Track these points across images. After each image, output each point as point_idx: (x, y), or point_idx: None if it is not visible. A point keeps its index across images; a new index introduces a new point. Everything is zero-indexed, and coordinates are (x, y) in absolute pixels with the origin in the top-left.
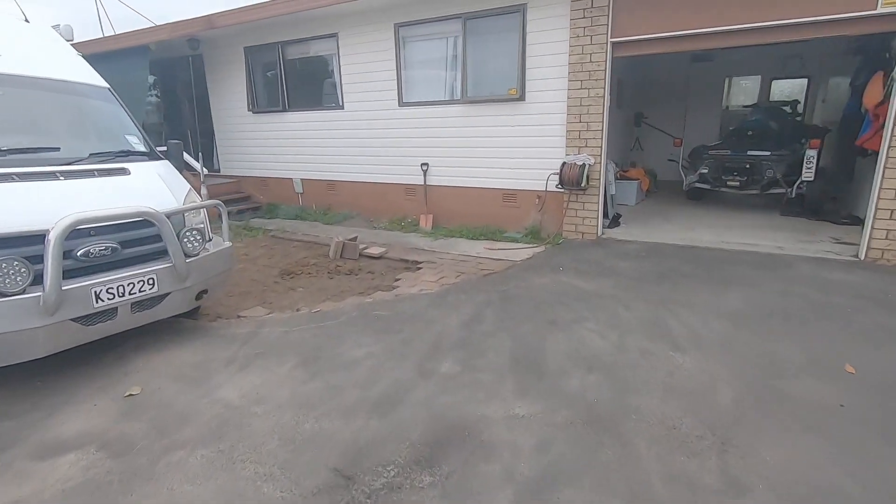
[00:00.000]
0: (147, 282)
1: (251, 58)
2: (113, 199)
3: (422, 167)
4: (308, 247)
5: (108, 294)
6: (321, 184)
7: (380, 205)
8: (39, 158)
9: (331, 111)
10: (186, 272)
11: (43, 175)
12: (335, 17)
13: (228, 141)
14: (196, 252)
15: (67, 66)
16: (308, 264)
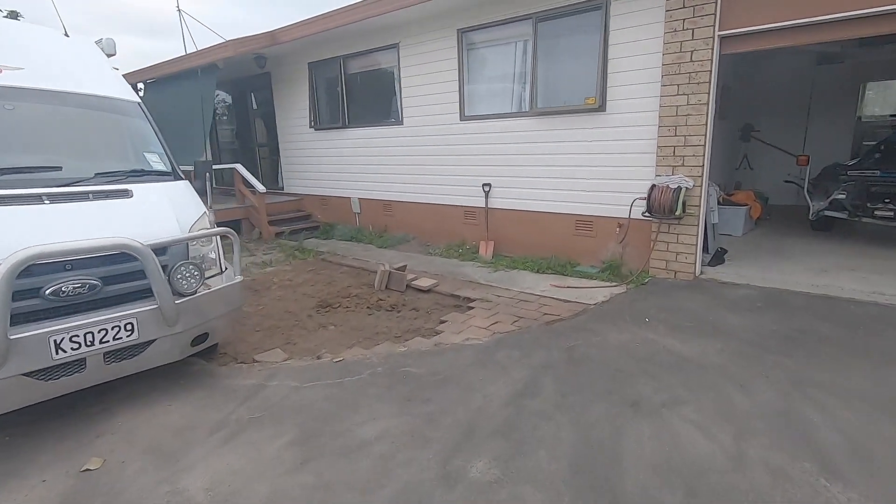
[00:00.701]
0: (124, 327)
1: (315, 73)
2: (102, 226)
3: (483, 188)
4: (355, 273)
5: (73, 343)
6: (378, 204)
7: (437, 228)
8: (37, 179)
9: (390, 127)
10: (176, 315)
11: (25, 198)
12: (396, 25)
13: (292, 158)
14: (191, 290)
15: (95, 80)
16: (349, 295)
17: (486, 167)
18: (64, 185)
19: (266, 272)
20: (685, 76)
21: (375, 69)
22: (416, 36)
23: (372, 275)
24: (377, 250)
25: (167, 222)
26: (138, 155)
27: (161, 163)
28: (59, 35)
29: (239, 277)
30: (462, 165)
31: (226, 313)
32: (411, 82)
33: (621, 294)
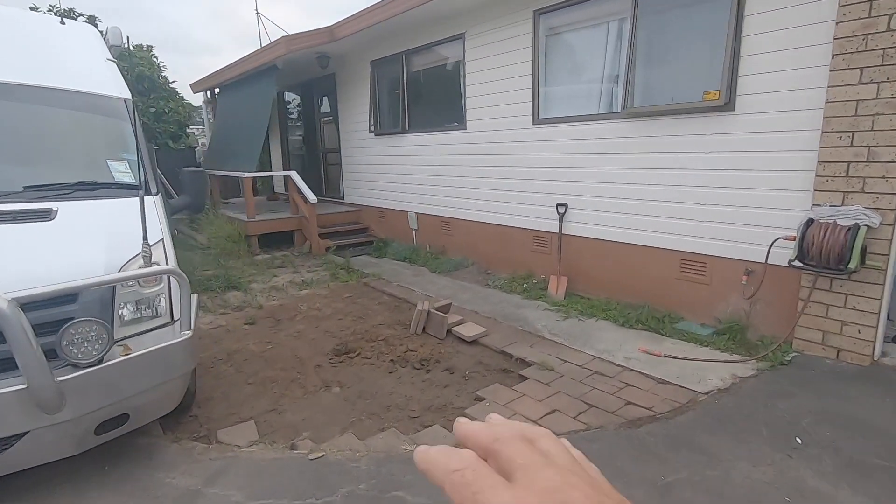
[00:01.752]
0: None
1: (376, 73)
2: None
3: (557, 209)
4: (394, 306)
5: None
6: (436, 221)
7: (500, 254)
8: None
9: (451, 132)
10: (58, 397)
11: None
12: (462, 11)
13: (351, 166)
14: (89, 359)
15: (73, 74)
16: (377, 338)
17: (561, 183)
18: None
19: (300, 295)
20: (876, 55)
21: (438, 65)
22: (485, 22)
23: (412, 309)
24: (430, 275)
25: (85, 257)
26: (99, 162)
27: (128, 172)
28: (50, 23)
29: (187, 333)
30: (532, 180)
31: (159, 384)
32: (477, 79)
33: (750, 378)
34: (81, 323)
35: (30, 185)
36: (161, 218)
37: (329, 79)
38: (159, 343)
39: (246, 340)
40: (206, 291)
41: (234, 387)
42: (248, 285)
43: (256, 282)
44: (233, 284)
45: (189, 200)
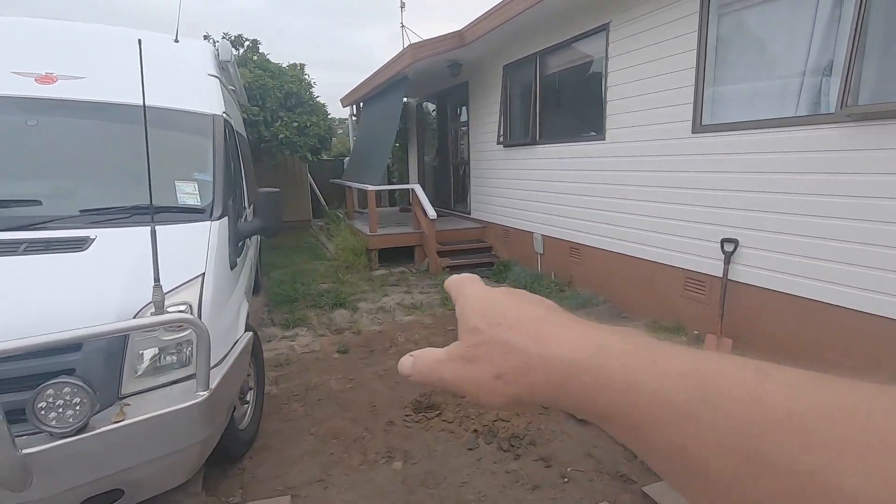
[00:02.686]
0: None
1: (508, 78)
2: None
3: (723, 246)
4: None
5: None
6: (564, 246)
7: (639, 294)
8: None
9: (587, 143)
10: (22, 473)
11: None
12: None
13: (479, 179)
14: (65, 428)
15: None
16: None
17: (730, 211)
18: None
19: (402, 322)
20: None
21: (576, 65)
22: (636, 6)
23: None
24: None
25: (97, 299)
26: (167, 184)
27: (195, 194)
28: (162, 41)
29: (201, 394)
30: (688, 205)
31: (162, 457)
32: (621, 78)
33: None
34: (56, 384)
35: (86, 209)
36: (211, 248)
37: (462, 87)
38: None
39: (330, 373)
40: (315, 308)
41: (296, 436)
42: (357, 304)
43: (366, 300)
44: (342, 302)
45: (261, 224)
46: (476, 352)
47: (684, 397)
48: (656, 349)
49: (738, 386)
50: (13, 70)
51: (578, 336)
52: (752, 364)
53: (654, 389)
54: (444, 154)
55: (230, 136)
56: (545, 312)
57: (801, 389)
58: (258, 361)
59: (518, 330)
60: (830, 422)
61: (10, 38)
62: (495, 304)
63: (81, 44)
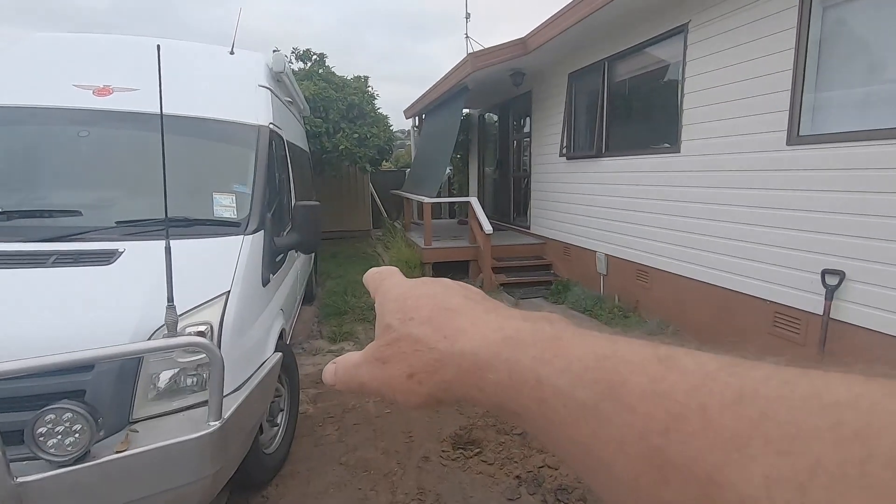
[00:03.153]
0: None
1: (574, 86)
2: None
3: (824, 279)
4: None
5: None
6: (630, 267)
7: (716, 327)
8: (37, 227)
9: (659, 156)
10: (13, 500)
11: None
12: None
13: (540, 193)
14: (62, 458)
15: (211, 101)
16: (511, 430)
17: (835, 237)
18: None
19: None
20: None
21: (648, 71)
22: (720, 4)
23: None
24: None
25: (115, 316)
26: (205, 196)
27: (232, 207)
28: (216, 53)
29: (213, 424)
30: (780, 228)
31: (166, 491)
32: (700, 84)
33: None
34: (57, 409)
35: (122, 221)
36: (241, 265)
37: (525, 97)
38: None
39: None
40: (363, 322)
41: (324, 464)
42: None
43: None
44: None
45: (299, 239)
46: (388, 351)
47: (587, 393)
48: (564, 339)
49: (641, 377)
50: (74, 83)
51: (490, 328)
52: (660, 351)
53: (558, 385)
54: (505, 166)
55: (278, 147)
56: (461, 303)
57: (708, 377)
58: (292, 381)
59: (429, 325)
60: (732, 414)
61: (76, 53)
62: (409, 298)
63: (139, 57)
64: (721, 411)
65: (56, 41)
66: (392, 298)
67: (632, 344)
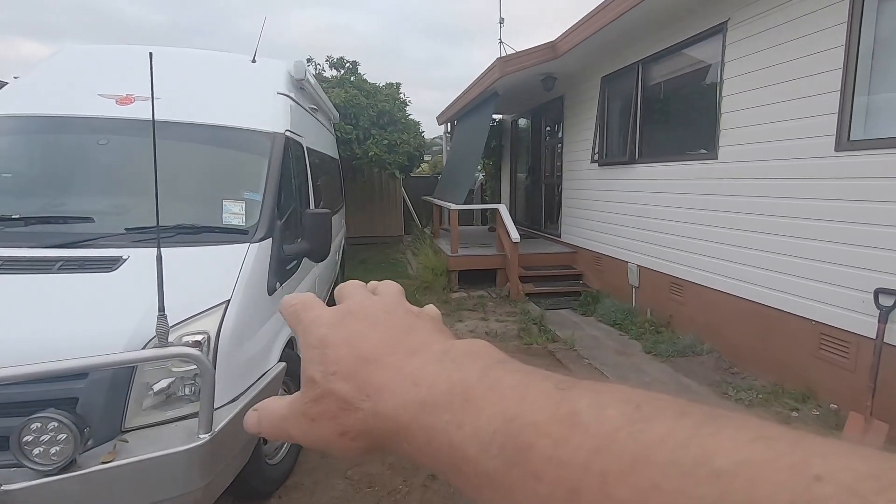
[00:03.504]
0: None
1: (607, 90)
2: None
3: (877, 299)
4: None
5: None
6: (663, 280)
7: (755, 346)
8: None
9: (694, 163)
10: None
11: None
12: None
13: (571, 200)
14: (47, 465)
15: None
16: None
17: (892, 254)
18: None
19: None
20: None
21: (683, 73)
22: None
23: None
24: (640, 356)
25: (112, 323)
26: (216, 203)
27: (241, 215)
28: (238, 62)
29: (203, 437)
30: (827, 241)
31: (155, 503)
32: (739, 86)
33: None
34: (43, 418)
35: (131, 227)
36: (244, 273)
37: (557, 102)
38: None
39: None
40: None
41: (329, 477)
42: None
43: None
44: None
45: (308, 247)
46: (315, 408)
47: (496, 462)
48: (475, 398)
49: (545, 441)
50: (100, 93)
51: (408, 385)
52: (564, 406)
53: (468, 452)
54: (537, 173)
55: (295, 154)
56: (380, 348)
57: (608, 438)
58: None
59: (352, 381)
60: (627, 485)
61: (104, 64)
62: (329, 345)
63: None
64: (618, 480)
65: (87, 53)
66: (313, 344)
67: (537, 396)
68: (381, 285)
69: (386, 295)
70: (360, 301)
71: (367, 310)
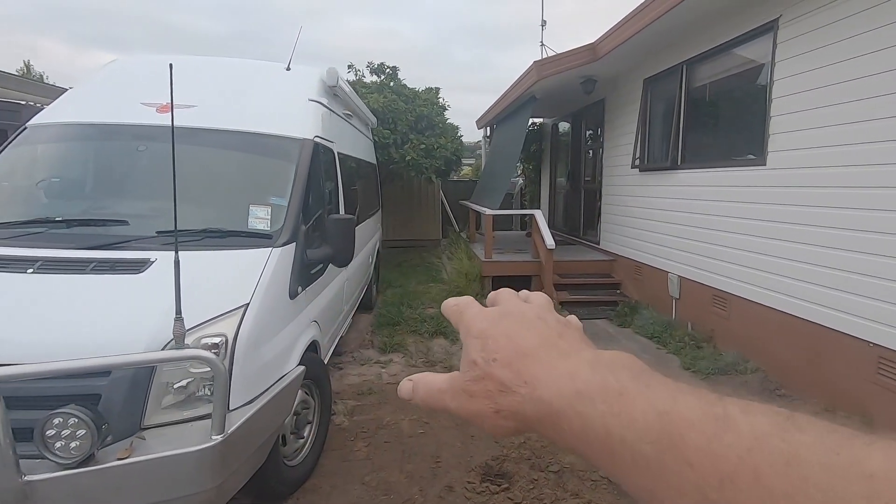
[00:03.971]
0: None
1: (649, 92)
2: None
3: None
4: None
5: None
6: (706, 292)
7: (806, 368)
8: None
9: (741, 169)
10: (20, 497)
11: (12, 262)
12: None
13: (611, 206)
14: (67, 460)
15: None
16: (547, 467)
17: None
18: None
19: None
20: None
21: (730, 75)
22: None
23: None
24: (678, 373)
25: (133, 325)
26: (242, 208)
27: (266, 220)
28: (271, 70)
29: (216, 438)
30: (888, 257)
31: (167, 501)
32: (791, 87)
33: None
34: (63, 414)
35: (161, 231)
36: (265, 277)
37: (598, 106)
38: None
39: (406, 412)
40: (415, 334)
41: (347, 482)
42: (458, 335)
43: None
44: (443, 330)
45: (331, 252)
46: (475, 387)
47: (650, 447)
48: (628, 394)
49: (698, 435)
50: (142, 101)
51: (563, 379)
52: (717, 409)
53: (625, 438)
54: (576, 178)
55: (325, 159)
56: (537, 346)
57: (760, 440)
58: (323, 394)
59: (510, 368)
60: (780, 476)
61: (150, 73)
62: (489, 337)
63: (203, 75)
64: (771, 473)
65: (136, 63)
66: (475, 334)
67: (689, 398)
68: (532, 295)
69: (537, 303)
70: (515, 305)
71: (522, 313)
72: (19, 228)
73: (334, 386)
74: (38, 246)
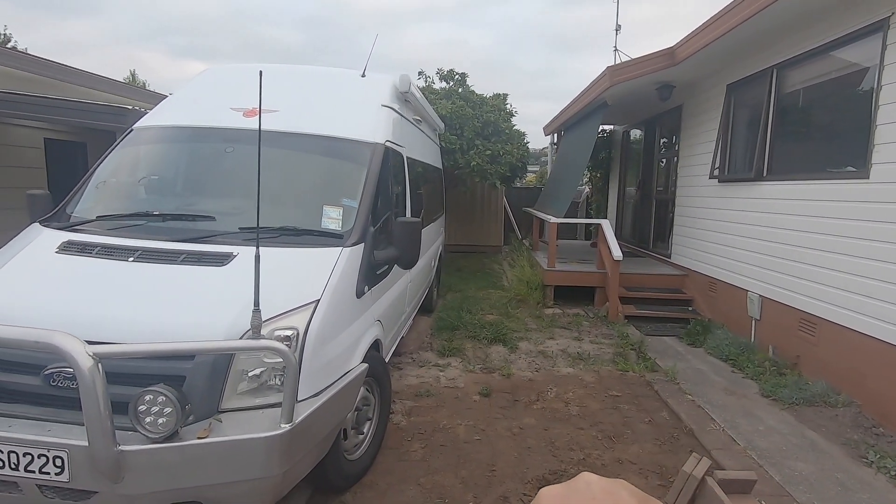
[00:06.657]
0: (53, 460)
1: (733, 98)
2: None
3: None
4: (670, 437)
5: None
6: (792, 315)
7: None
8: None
9: (839, 181)
10: (115, 466)
11: (117, 251)
12: None
13: (684, 218)
14: (156, 433)
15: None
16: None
17: None
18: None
19: (560, 374)
20: None
21: (827, 80)
22: None
23: (690, 453)
24: (756, 399)
25: (214, 314)
26: (316, 209)
27: (338, 220)
28: (345, 77)
29: (284, 427)
30: None
31: (235, 482)
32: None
33: None
34: (153, 392)
35: (244, 227)
36: (335, 275)
37: (674, 113)
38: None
39: (463, 417)
40: (473, 339)
41: (402, 481)
42: (518, 343)
43: (528, 340)
44: (502, 337)
45: (397, 254)
46: None
47: None
48: None
49: None
50: (231, 106)
51: None
52: None
53: None
54: (648, 187)
55: (395, 163)
56: None
57: None
58: (383, 392)
59: None
60: None
61: (238, 80)
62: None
63: (286, 82)
64: None
65: (227, 71)
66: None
67: None
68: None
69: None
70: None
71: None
72: (123, 220)
73: (393, 385)
74: (139, 237)
